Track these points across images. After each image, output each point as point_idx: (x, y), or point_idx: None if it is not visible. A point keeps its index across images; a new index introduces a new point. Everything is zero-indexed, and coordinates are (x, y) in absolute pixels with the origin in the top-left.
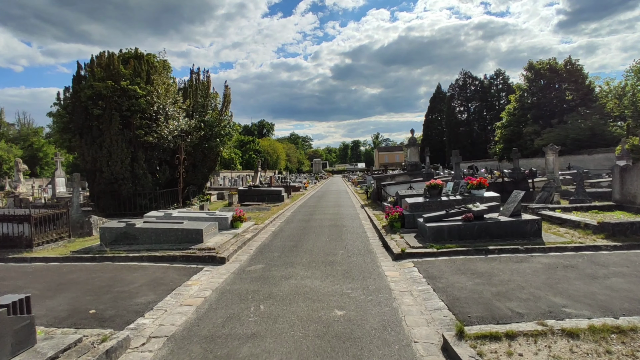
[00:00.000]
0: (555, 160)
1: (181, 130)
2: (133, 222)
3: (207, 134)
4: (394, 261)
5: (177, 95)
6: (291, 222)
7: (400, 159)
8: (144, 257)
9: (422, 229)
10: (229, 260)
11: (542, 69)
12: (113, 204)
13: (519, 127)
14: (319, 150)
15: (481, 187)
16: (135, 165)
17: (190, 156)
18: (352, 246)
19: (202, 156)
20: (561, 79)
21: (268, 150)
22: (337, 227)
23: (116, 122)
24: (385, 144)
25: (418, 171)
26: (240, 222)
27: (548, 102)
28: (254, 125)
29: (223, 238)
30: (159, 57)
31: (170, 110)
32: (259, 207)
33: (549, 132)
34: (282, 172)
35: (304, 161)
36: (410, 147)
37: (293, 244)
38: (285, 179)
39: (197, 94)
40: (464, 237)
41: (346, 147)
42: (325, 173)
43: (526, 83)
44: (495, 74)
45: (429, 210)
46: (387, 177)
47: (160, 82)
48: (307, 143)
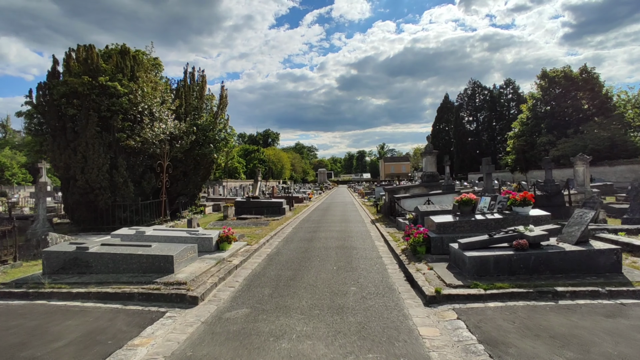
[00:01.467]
0: (586, 172)
1: (170, 134)
2: (86, 245)
3: (200, 139)
4: (427, 307)
5: (166, 95)
6: (291, 241)
7: (406, 169)
8: (92, 294)
9: (458, 258)
10: (203, 300)
11: (557, 77)
12: (89, 216)
13: (532, 137)
14: (324, 160)
15: (526, 203)
16: (115, 173)
17: (181, 163)
18: (366, 279)
19: (194, 163)
20: (577, 87)
21: (273, 160)
22: (346, 249)
23: (93, 124)
24: (391, 154)
25: (436, 183)
26: (227, 244)
27: (563, 111)
28: (259, 135)
29: (202, 266)
30: (148, 55)
31: (157, 112)
32: (257, 221)
33: (564, 143)
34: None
35: (309, 171)
36: (426, 155)
37: (291, 273)
38: (289, 189)
39: (190, 95)
40: (516, 272)
41: (351, 157)
42: (330, 183)
43: (539, 92)
44: (505, 83)
45: (461, 231)
46: (400, 189)
47: (147, 80)
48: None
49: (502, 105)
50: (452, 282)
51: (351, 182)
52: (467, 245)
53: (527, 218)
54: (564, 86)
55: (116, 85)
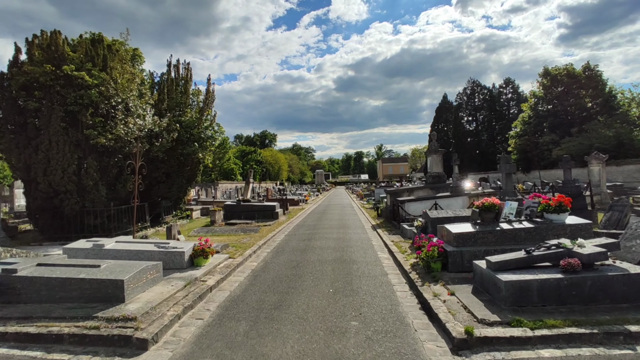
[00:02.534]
0: (602, 172)
1: (149, 131)
2: (15, 267)
3: (184, 137)
4: (455, 355)
5: (144, 88)
6: (282, 252)
7: (404, 170)
8: (9, 335)
9: (487, 280)
10: (156, 343)
11: (559, 75)
12: (55, 224)
13: (534, 137)
14: (322, 162)
15: (562, 209)
16: (83, 175)
17: (163, 164)
18: (370, 307)
19: (177, 164)
20: (580, 85)
21: (270, 161)
22: (344, 263)
23: (57, 119)
24: (389, 155)
25: (442, 184)
26: (203, 258)
27: (565, 109)
28: (256, 136)
29: (165, 290)
30: (127, 45)
31: (133, 106)
32: (246, 227)
33: (568, 142)
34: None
35: (306, 172)
36: (431, 154)
37: (277, 298)
38: (284, 191)
39: (173, 89)
40: (566, 301)
41: (349, 158)
42: (327, 185)
43: (541, 90)
44: (504, 82)
45: (484, 244)
46: (403, 192)
47: (123, 71)
48: (309, 154)
49: (501, 105)
50: (485, 316)
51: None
52: (500, 264)
53: (564, 227)
54: (567, 84)
55: (83, 75)
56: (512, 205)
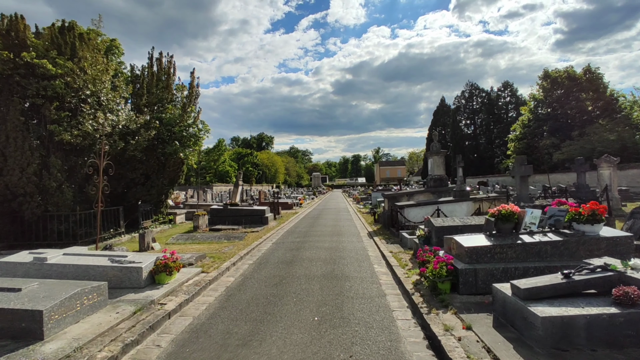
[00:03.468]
0: (613, 176)
1: (124, 127)
2: None
3: (164, 135)
4: None
5: (118, 80)
6: (265, 265)
7: (402, 173)
8: None
9: (514, 312)
10: None
11: (560, 78)
12: (14, 230)
13: (534, 140)
14: (319, 165)
15: (597, 219)
16: (46, 175)
17: (141, 164)
18: (365, 346)
19: (157, 164)
20: (580, 88)
21: (266, 164)
22: (336, 279)
23: (16, 112)
24: (386, 158)
25: (444, 188)
26: (167, 275)
27: (566, 113)
28: (253, 139)
29: (104, 320)
30: (104, 35)
31: (105, 100)
32: (231, 233)
33: (569, 145)
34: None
35: (303, 175)
36: (432, 155)
37: (248, 330)
38: (279, 194)
39: (153, 84)
40: (622, 343)
41: (346, 161)
42: (324, 188)
43: (540, 93)
44: (502, 86)
45: (502, 260)
46: (402, 196)
47: (95, 61)
48: (306, 157)
49: (500, 108)
50: None
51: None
52: (532, 292)
53: (598, 241)
54: (567, 87)
55: (45, 63)
56: (534, 213)
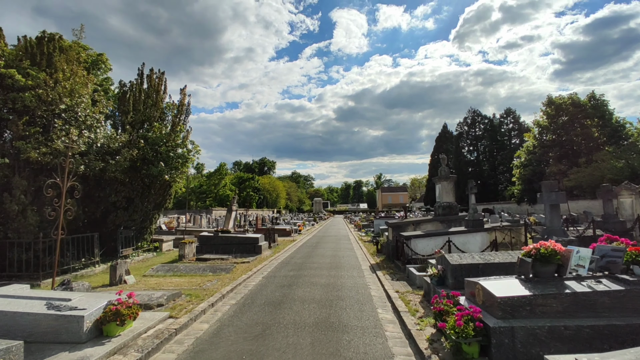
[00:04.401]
0: (635, 204)
1: (102, 146)
2: None
3: (148, 155)
4: None
5: (98, 94)
6: (248, 307)
7: (404, 199)
8: None
9: None
10: None
11: (564, 104)
12: None
13: (540, 167)
14: (321, 190)
15: None
16: (7, 198)
17: (123, 186)
18: None
19: (142, 187)
20: (586, 114)
21: (268, 188)
22: (331, 331)
23: None
24: (388, 184)
25: (454, 216)
26: (119, 326)
27: (571, 139)
28: (255, 163)
29: None
30: (91, 49)
31: (82, 116)
32: (219, 265)
33: (577, 172)
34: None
35: (304, 200)
36: (441, 181)
37: None
38: (277, 220)
39: (140, 101)
40: None
41: (348, 187)
42: (325, 213)
43: (545, 119)
44: (505, 112)
45: (545, 314)
46: (408, 225)
47: (73, 73)
48: (308, 182)
49: (503, 135)
50: None
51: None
52: None
53: None
54: (572, 113)
55: (13, 73)
56: (582, 253)
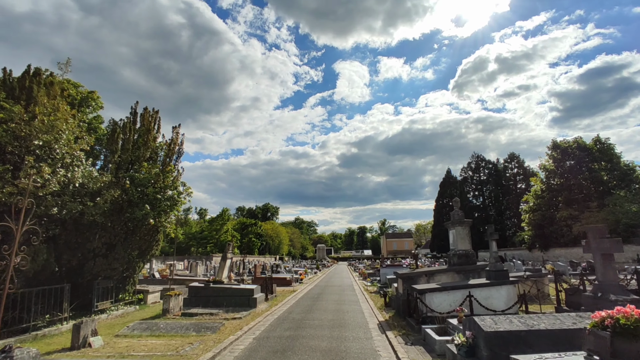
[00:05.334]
0: None
1: (80, 186)
2: None
3: (133, 196)
4: None
5: (79, 130)
6: None
7: (409, 246)
8: None
9: None
10: None
11: (570, 148)
12: None
13: (549, 211)
14: (324, 236)
15: None
16: None
17: (104, 231)
18: None
19: (125, 232)
20: (593, 158)
21: (270, 234)
22: None
23: None
24: (392, 230)
25: (472, 266)
26: None
27: (580, 183)
28: (258, 209)
29: None
30: (83, 87)
31: (60, 153)
32: (206, 321)
33: (590, 217)
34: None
35: (307, 247)
36: (455, 226)
37: None
38: (278, 268)
39: (131, 139)
40: None
41: (352, 233)
42: (329, 260)
43: (551, 163)
44: (509, 157)
45: None
46: (420, 276)
47: (55, 107)
48: (312, 228)
49: (508, 180)
50: None
51: (352, 258)
52: None
53: None
54: (579, 157)
55: None
56: None
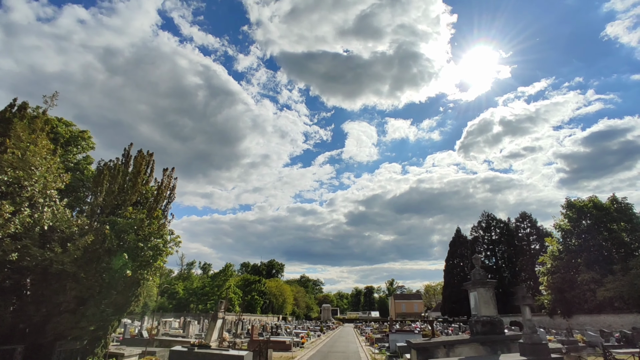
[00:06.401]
0: None
1: (50, 229)
2: None
3: (112, 244)
4: None
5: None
6: None
7: (419, 308)
8: None
9: None
10: None
11: (585, 207)
12: None
13: (569, 274)
14: (330, 295)
15: None
16: None
17: (76, 283)
18: None
19: (99, 284)
20: (611, 218)
21: (274, 292)
22: None
23: None
24: (401, 291)
25: (499, 335)
26: None
27: (599, 244)
28: (263, 265)
29: None
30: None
31: (30, 191)
32: None
33: (615, 281)
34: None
35: (312, 306)
36: (476, 287)
37: None
38: (279, 329)
39: (117, 181)
40: None
41: (359, 293)
42: (334, 321)
43: (567, 223)
44: (520, 216)
45: None
46: (438, 347)
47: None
48: (317, 287)
49: (520, 240)
50: None
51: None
52: None
53: None
54: (596, 217)
55: None
56: None
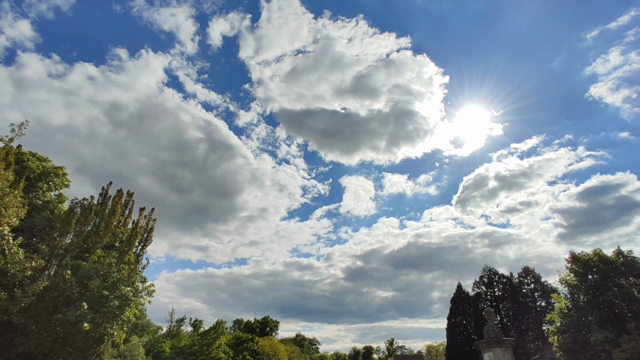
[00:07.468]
0: None
1: None
2: None
3: (72, 291)
4: None
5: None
6: None
7: None
8: None
9: None
10: None
11: (591, 261)
12: None
13: (581, 333)
14: (327, 356)
15: None
16: None
17: (26, 337)
18: None
19: (51, 339)
20: (619, 272)
21: (268, 352)
22: None
23: None
24: (401, 352)
25: None
26: None
27: (610, 300)
28: (256, 322)
29: None
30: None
31: None
32: None
33: (631, 341)
34: None
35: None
36: (491, 347)
37: None
38: None
39: (88, 222)
40: None
41: (357, 353)
42: None
43: (573, 278)
44: (523, 271)
45: None
46: None
47: None
48: (313, 346)
49: (525, 296)
50: None
51: None
52: None
53: None
54: (603, 271)
55: None
56: None
